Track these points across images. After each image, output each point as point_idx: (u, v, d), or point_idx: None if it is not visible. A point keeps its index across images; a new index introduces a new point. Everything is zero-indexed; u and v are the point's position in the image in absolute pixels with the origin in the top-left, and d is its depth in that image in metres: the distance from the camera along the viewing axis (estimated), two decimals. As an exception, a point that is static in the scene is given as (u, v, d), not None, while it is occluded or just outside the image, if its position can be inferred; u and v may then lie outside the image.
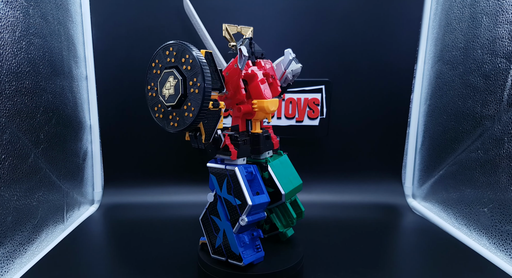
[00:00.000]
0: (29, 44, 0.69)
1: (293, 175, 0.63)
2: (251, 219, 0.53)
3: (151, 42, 0.94)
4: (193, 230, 0.77)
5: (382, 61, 0.98)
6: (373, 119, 1.01)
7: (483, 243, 0.73)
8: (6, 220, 0.61)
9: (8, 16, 0.63)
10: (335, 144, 1.02)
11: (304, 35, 0.96)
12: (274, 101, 0.58)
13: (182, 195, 0.98)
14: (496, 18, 0.71)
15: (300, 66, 0.65)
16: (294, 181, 0.62)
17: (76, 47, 0.91)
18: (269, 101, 0.57)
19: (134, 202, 0.97)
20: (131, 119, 0.98)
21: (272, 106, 0.57)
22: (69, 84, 0.87)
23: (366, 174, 1.03)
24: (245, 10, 0.94)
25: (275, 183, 0.59)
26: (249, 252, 0.55)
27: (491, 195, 0.71)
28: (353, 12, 0.95)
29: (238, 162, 0.56)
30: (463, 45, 0.82)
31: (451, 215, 0.85)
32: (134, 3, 0.93)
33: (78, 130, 0.91)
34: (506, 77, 0.68)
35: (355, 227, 0.84)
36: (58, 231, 0.79)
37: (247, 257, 0.54)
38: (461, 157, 0.82)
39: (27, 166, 0.67)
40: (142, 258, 0.68)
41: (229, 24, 0.63)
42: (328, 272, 0.63)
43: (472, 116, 0.78)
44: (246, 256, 0.54)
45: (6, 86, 0.62)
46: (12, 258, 0.62)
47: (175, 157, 1.01)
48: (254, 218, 0.54)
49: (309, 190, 0.98)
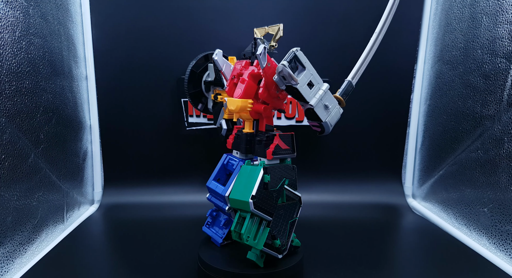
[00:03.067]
0: (29, 44, 0.69)
1: (246, 190, 0.54)
2: (210, 198, 0.65)
3: (151, 42, 0.95)
4: (193, 230, 0.77)
5: (382, 61, 0.98)
6: (373, 119, 1.01)
7: (483, 243, 0.73)
8: (6, 220, 0.61)
9: (8, 16, 0.63)
10: (335, 144, 1.02)
11: (304, 35, 0.96)
12: (232, 100, 0.56)
13: (182, 195, 0.98)
14: (496, 18, 0.71)
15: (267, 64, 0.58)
16: (242, 194, 0.54)
17: (76, 47, 0.91)
18: (228, 99, 0.56)
19: (134, 202, 0.97)
20: (131, 119, 0.98)
21: (229, 105, 0.56)
22: (69, 84, 0.87)
23: (366, 174, 1.03)
24: (245, 10, 0.94)
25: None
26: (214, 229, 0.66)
27: (491, 195, 0.71)
28: (353, 12, 0.95)
29: (233, 153, 0.64)
30: (463, 45, 0.82)
31: (451, 215, 0.85)
32: (134, 3, 0.93)
33: (78, 130, 0.91)
34: (506, 77, 0.68)
35: (355, 227, 0.84)
36: (58, 231, 0.79)
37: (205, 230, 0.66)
38: (461, 157, 0.82)
39: (27, 166, 0.67)
40: (142, 258, 0.68)
41: (257, 28, 0.65)
42: (328, 272, 0.63)
43: (472, 116, 0.78)
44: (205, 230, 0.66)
45: (6, 86, 0.62)
46: (12, 258, 0.62)
47: (175, 157, 1.01)
48: (214, 201, 0.64)
49: (309, 190, 0.98)
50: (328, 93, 0.54)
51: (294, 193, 0.59)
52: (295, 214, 0.59)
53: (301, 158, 0.85)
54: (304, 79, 0.52)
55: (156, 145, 1.00)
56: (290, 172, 0.58)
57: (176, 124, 0.98)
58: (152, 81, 0.96)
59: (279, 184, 0.56)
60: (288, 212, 0.58)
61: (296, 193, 0.59)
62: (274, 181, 0.55)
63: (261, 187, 0.53)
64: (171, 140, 1.00)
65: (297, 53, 0.52)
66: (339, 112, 0.56)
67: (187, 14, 0.94)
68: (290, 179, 0.58)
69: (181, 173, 1.01)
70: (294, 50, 0.51)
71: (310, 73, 0.53)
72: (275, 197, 0.55)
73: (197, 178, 0.99)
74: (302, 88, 0.52)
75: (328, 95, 0.54)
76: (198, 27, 0.94)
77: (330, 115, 0.54)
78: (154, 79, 0.96)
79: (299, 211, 0.59)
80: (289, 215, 0.58)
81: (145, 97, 0.97)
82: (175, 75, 0.94)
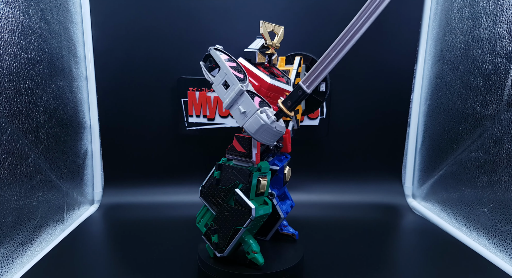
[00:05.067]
0: (29, 44, 0.69)
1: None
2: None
3: (151, 42, 0.95)
4: (193, 230, 0.76)
5: (382, 61, 0.98)
6: (373, 119, 1.01)
7: (483, 243, 0.73)
8: (6, 220, 0.61)
9: (8, 16, 0.63)
10: (335, 144, 1.02)
11: (304, 35, 0.96)
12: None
13: (182, 195, 0.98)
14: (496, 18, 0.71)
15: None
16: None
17: (76, 47, 0.91)
18: None
19: (134, 202, 0.97)
20: (131, 119, 0.98)
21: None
22: (69, 84, 0.87)
23: (366, 174, 1.03)
24: (245, 10, 0.94)
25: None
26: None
27: (491, 195, 0.71)
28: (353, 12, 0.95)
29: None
30: (463, 45, 0.82)
31: (451, 215, 0.85)
32: (134, 3, 0.93)
33: (78, 130, 0.91)
34: (506, 77, 0.68)
35: (355, 227, 0.84)
36: (58, 231, 0.79)
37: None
38: (461, 157, 0.82)
39: (27, 166, 0.67)
40: (142, 258, 0.68)
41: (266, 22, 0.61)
42: (328, 272, 0.63)
43: (472, 116, 0.78)
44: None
45: (6, 86, 0.62)
46: (12, 258, 0.62)
47: (176, 157, 1.01)
48: None
49: (309, 190, 0.99)
50: (244, 97, 0.50)
51: (244, 201, 0.53)
52: (242, 223, 0.54)
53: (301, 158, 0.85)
54: (219, 79, 0.51)
55: (156, 145, 1.00)
56: (244, 176, 0.54)
57: (176, 124, 0.98)
58: (152, 81, 0.96)
59: (229, 185, 0.55)
60: (234, 217, 0.54)
61: (247, 202, 0.53)
62: (225, 180, 0.56)
63: (212, 181, 0.57)
64: (171, 140, 1.00)
65: (210, 51, 0.51)
66: (259, 119, 0.48)
67: (187, 14, 0.94)
68: (244, 184, 0.54)
69: (181, 173, 1.01)
70: (209, 48, 0.52)
71: (224, 73, 0.51)
72: (222, 196, 0.56)
73: (197, 178, 0.99)
74: (216, 88, 0.52)
75: (245, 98, 0.50)
76: (198, 27, 0.94)
77: (247, 121, 0.49)
78: (154, 79, 0.96)
79: (248, 223, 0.53)
80: (234, 220, 0.54)
81: (145, 97, 0.97)
82: (175, 75, 0.94)
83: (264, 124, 0.48)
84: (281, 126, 0.50)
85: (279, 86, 0.57)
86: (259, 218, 0.54)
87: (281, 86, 0.58)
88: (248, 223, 0.53)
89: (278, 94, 0.57)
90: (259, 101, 0.50)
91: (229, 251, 0.55)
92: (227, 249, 0.55)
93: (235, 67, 0.53)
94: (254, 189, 0.54)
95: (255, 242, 0.56)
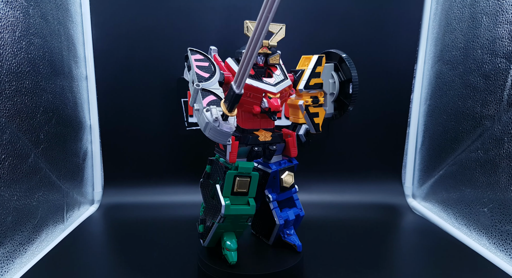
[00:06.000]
0: (29, 44, 0.69)
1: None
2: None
3: (151, 42, 0.94)
4: (193, 230, 0.76)
5: (382, 61, 0.98)
6: (373, 119, 1.01)
7: (483, 243, 0.73)
8: (6, 220, 0.61)
9: (8, 16, 0.63)
10: (335, 144, 1.02)
11: (304, 35, 0.96)
12: None
13: (182, 195, 0.98)
14: (496, 18, 0.71)
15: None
16: None
17: (76, 47, 0.91)
18: None
19: (134, 202, 0.97)
20: (131, 119, 0.98)
21: None
22: (69, 84, 0.87)
23: (366, 174, 1.03)
24: (246, 10, 0.94)
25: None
26: None
27: (491, 195, 0.71)
28: (353, 12, 0.95)
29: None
30: (463, 45, 0.82)
31: (451, 215, 0.85)
32: (134, 3, 0.93)
33: (78, 130, 0.91)
34: (506, 77, 0.68)
35: (355, 227, 0.84)
36: (58, 231, 0.79)
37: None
38: (461, 157, 0.82)
39: (27, 166, 0.67)
40: (142, 258, 0.68)
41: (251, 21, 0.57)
42: (328, 272, 0.63)
43: (472, 116, 0.78)
44: None
45: (6, 86, 0.62)
46: (12, 258, 0.62)
47: (176, 157, 1.01)
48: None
49: (309, 190, 0.98)
50: (198, 95, 0.50)
51: (219, 197, 0.54)
52: (216, 218, 0.55)
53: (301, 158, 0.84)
54: (190, 78, 0.54)
55: (156, 145, 1.00)
56: (221, 173, 0.56)
57: (176, 124, 0.98)
58: (152, 81, 0.96)
59: (214, 180, 0.58)
60: (212, 212, 0.56)
61: (220, 199, 0.54)
62: (213, 175, 0.59)
63: (205, 174, 0.61)
64: (171, 140, 1.00)
65: (188, 52, 0.54)
66: (204, 117, 0.47)
67: (187, 14, 0.94)
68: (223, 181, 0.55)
69: (181, 173, 1.01)
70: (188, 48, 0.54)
71: (194, 72, 0.52)
72: (209, 189, 0.59)
73: (197, 178, 0.99)
74: (189, 86, 0.54)
75: (198, 96, 0.50)
76: (198, 27, 0.94)
77: (199, 118, 0.49)
78: (154, 79, 0.96)
79: (219, 219, 0.54)
80: (212, 214, 0.56)
81: (145, 97, 0.97)
82: (175, 75, 0.94)
83: (209, 123, 0.47)
84: (227, 126, 0.48)
85: (257, 86, 0.56)
86: (234, 217, 0.55)
87: (259, 86, 0.56)
88: (219, 219, 0.54)
89: (258, 94, 0.56)
90: (210, 100, 0.50)
91: (208, 242, 0.59)
92: (206, 240, 0.59)
93: (205, 67, 0.53)
94: (229, 187, 0.55)
95: (231, 240, 0.57)
